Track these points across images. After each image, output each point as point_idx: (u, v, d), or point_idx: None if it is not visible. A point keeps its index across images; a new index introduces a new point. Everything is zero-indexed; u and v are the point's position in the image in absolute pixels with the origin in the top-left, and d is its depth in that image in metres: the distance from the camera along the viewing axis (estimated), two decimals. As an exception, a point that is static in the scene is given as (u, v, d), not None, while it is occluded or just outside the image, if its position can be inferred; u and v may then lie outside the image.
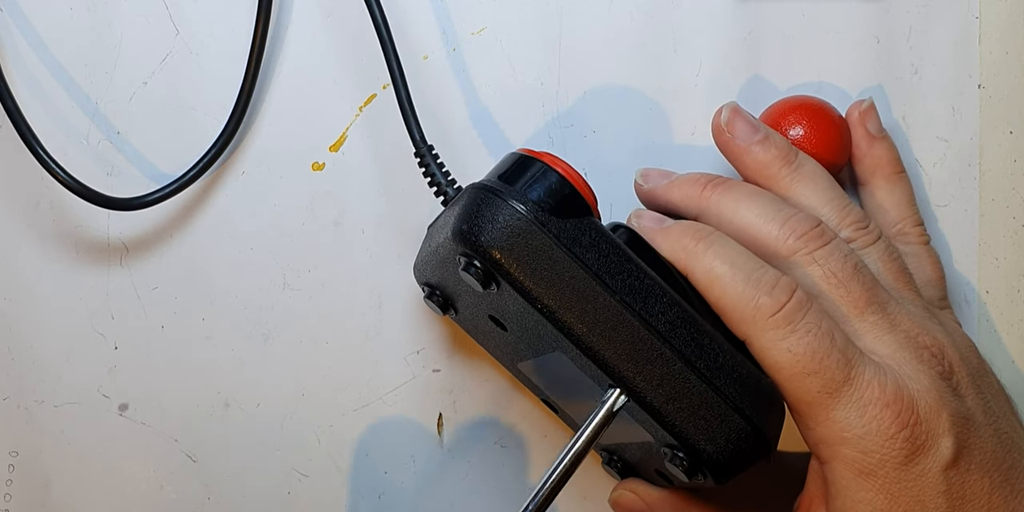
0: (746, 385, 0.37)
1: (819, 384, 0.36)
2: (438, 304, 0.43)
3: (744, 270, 0.37)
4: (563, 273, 0.36)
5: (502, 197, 0.37)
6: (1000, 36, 0.47)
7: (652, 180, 0.43)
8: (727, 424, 0.37)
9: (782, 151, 0.42)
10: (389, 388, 0.47)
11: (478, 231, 0.37)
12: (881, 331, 0.38)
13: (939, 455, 0.36)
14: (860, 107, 0.45)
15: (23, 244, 0.46)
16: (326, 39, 0.46)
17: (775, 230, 0.39)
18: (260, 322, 0.47)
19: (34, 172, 0.45)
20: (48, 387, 0.46)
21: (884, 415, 0.36)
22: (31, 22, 0.46)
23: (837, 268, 0.38)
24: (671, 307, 0.37)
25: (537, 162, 0.38)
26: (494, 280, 0.37)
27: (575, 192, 0.38)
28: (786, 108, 0.44)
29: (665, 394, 0.37)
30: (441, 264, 0.40)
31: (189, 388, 0.47)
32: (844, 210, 0.41)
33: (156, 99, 0.46)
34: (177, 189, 0.45)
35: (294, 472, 0.47)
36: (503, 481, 0.47)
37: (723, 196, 0.40)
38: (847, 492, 0.37)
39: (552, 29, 0.47)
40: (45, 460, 0.46)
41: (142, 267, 0.47)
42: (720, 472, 0.37)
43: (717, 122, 0.42)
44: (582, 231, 0.37)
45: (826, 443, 0.37)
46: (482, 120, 0.46)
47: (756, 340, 0.37)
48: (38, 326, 0.46)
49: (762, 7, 0.47)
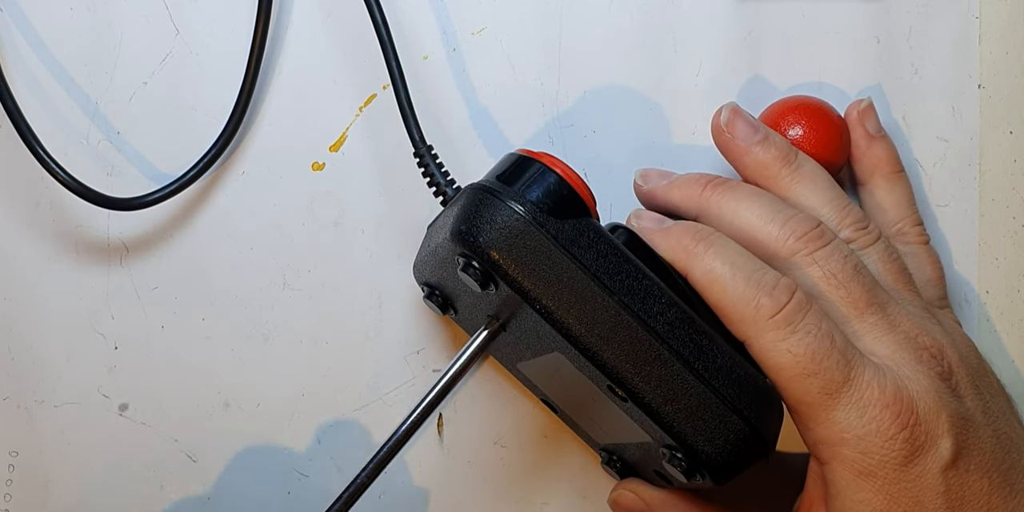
0: (744, 386, 0.37)
1: (819, 385, 0.36)
2: (438, 304, 0.43)
3: (744, 271, 0.37)
4: (561, 274, 0.36)
5: (500, 198, 0.37)
6: (1000, 36, 0.47)
7: (652, 180, 0.43)
8: (725, 425, 0.37)
9: (782, 151, 0.41)
10: (389, 388, 0.47)
11: (476, 232, 0.37)
12: (881, 332, 0.38)
13: (938, 456, 0.36)
14: (859, 107, 0.45)
15: (23, 244, 0.46)
16: (326, 39, 0.46)
17: (775, 231, 0.39)
18: (260, 322, 0.47)
19: (34, 172, 0.45)
20: (48, 387, 0.46)
21: (884, 416, 0.36)
22: (31, 22, 0.46)
23: (837, 269, 0.38)
24: (670, 308, 0.37)
25: (535, 163, 0.38)
26: (492, 281, 0.37)
27: (573, 193, 0.38)
28: (785, 108, 0.44)
29: (663, 395, 0.37)
30: (440, 264, 0.40)
31: (189, 388, 0.47)
32: (844, 210, 0.41)
33: (156, 99, 0.46)
34: (177, 189, 0.45)
35: (294, 472, 0.47)
36: (503, 481, 0.47)
37: (723, 197, 0.40)
38: (847, 493, 0.37)
39: (552, 29, 0.47)
40: (45, 460, 0.46)
41: (142, 267, 0.47)
42: (718, 473, 0.37)
43: (717, 122, 0.42)
44: (580, 232, 0.37)
45: (826, 444, 0.37)
46: (482, 120, 0.46)
47: (756, 341, 0.37)
48: (38, 326, 0.46)
49: (762, 7, 0.47)
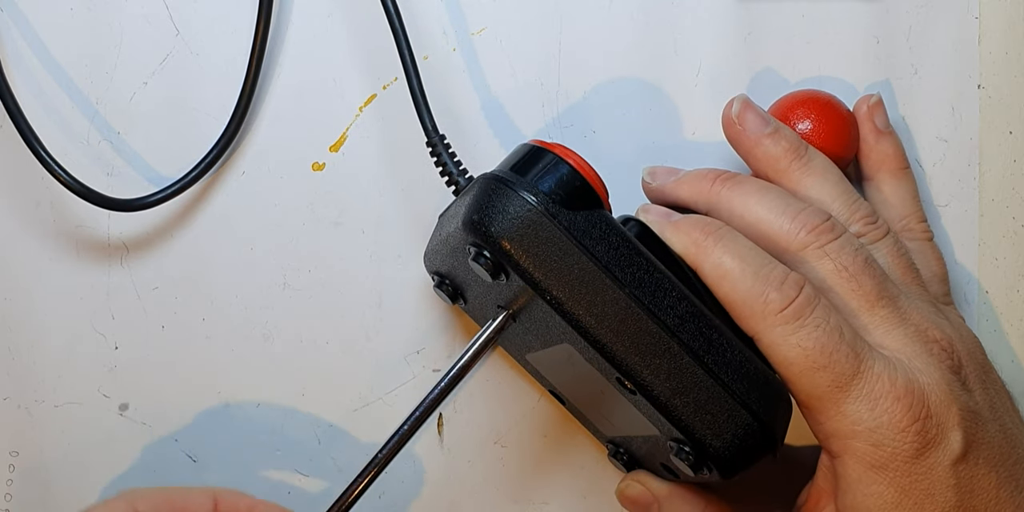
0: (754, 381, 0.37)
1: (829, 379, 0.36)
2: (447, 293, 0.43)
3: (753, 265, 0.37)
4: (572, 265, 0.36)
5: (513, 188, 0.37)
6: (1000, 36, 0.47)
7: (660, 177, 0.43)
8: (734, 419, 0.37)
9: (792, 145, 0.42)
10: (389, 388, 0.47)
11: (488, 221, 0.37)
12: (891, 325, 0.38)
13: (949, 449, 0.36)
14: (868, 102, 0.45)
15: (23, 244, 0.46)
16: (327, 39, 0.46)
17: (786, 224, 0.39)
18: (260, 322, 0.47)
19: (35, 172, 0.45)
20: (48, 387, 0.46)
21: (895, 408, 0.36)
22: (31, 22, 0.46)
23: (848, 262, 0.38)
24: (680, 301, 0.37)
25: (549, 153, 0.38)
26: (503, 271, 0.37)
27: (586, 184, 0.38)
28: (795, 102, 0.44)
29: (672, 388, 0.36)
30: (451, 253, 0.40)
31: (189, 388, 0.47)
32: (854, 205, 0.41)
33: (156, 99, 0.46)
34: (178, 190, 0.45)
35: (294, 472, 0.47)
36: (503, 481, 0.47)
37: (732, 191, 0.40)
38: (858, 486, 0.37)
39: (552, 29, 0.47)
40: (45, 460, 0.46)
41: (142, 267, 0.46)
42: (726, 467, 0.37)
43: (728, 114, 0.42)
44: (592, 223, 0.37)
45: (837, 437, 0.37)
46: (482, 119, 0.46)
47: (765, 336, 0.37)
48: (38, 326, 0.46)
49: (762, 7, 0.47)
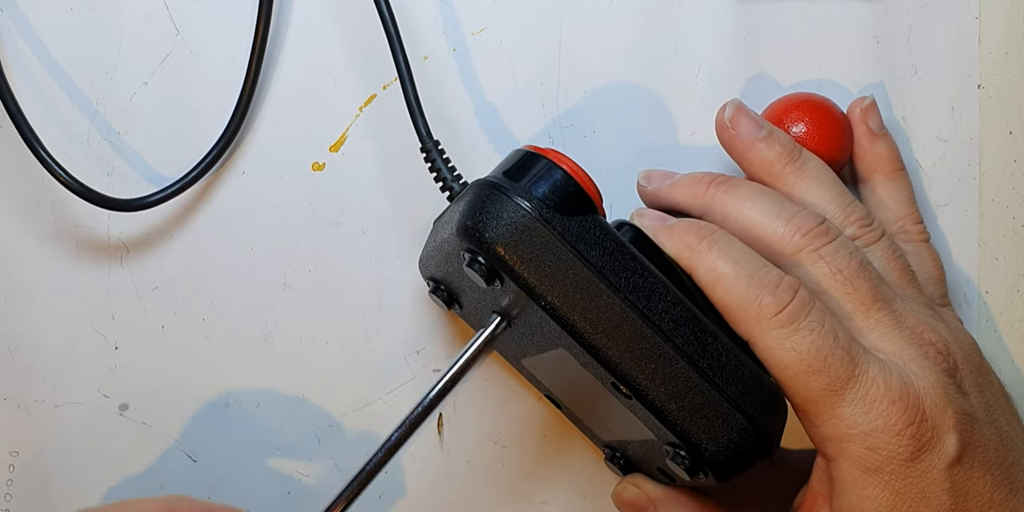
0: (749, 385, 0.37)
1: (824, 382, 0.36)
2: (443, 299, 0.43)
3: (747, 269, 0.37)
4: (567, 270, 0.36)
5: (507, 193, 0.37)
6: (1000, 36, 0.47)
7: (655, 181, 0.43)
8: (729, 423, 0.37)
9: (786, 148, 0.41)
10: (389, 388, 0.47)
11: (482, 227, 0.37)
12: (886, 328, 0.38)
13: (944, 452, 0.36)
14: (862, 104, 0.45)
15: (23, 244, 0.46)
16: (327, 39, 0.46)
17: (780, 228, 0.39)
18: (260, 322, 0.47)
19: (35, 172, 0.45)
20: (48, 387, 0.46)
21: (890, 412, 0.36)
22: (31, 22, 0.46)
23: (843, 265, 0.38)
24: (675, 305, 0.37)
25: (542, 159, 0.38)
26: (498, 276, 0.37)
27: (580, 189, 0.38)
28: (788, 105, 0.44)
29: (667, 392, 0.37)
30: (446, 259, 0.40)
31: (189, 388, 0.47)
32: (848, 208, 0.41)
33: (156, 99, 0.46)
34: (178, 190, 0.45)
35: (294, 472, 0.47)
36: (503, 481, 0.47)
37: (727, 194, 0.40)
38: (853, 489, 0.37)
39: (552, 29, 0.47)
40: (45, 460, 0.46)
41: (142, 267, 0.46)
42: (722, 471, 0.37)
43: (721, 118, 0.42)
44: (586, 228, 0.37)
45: (832, 440, 0.37)
46: (482, 120, 0.46)
47: (760, 340, 0.37)
48: (38, 326, 0.46)
49: (762, 7, 0.47)
